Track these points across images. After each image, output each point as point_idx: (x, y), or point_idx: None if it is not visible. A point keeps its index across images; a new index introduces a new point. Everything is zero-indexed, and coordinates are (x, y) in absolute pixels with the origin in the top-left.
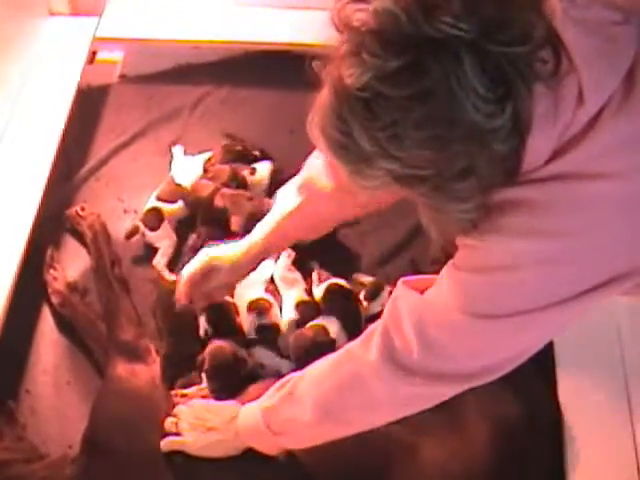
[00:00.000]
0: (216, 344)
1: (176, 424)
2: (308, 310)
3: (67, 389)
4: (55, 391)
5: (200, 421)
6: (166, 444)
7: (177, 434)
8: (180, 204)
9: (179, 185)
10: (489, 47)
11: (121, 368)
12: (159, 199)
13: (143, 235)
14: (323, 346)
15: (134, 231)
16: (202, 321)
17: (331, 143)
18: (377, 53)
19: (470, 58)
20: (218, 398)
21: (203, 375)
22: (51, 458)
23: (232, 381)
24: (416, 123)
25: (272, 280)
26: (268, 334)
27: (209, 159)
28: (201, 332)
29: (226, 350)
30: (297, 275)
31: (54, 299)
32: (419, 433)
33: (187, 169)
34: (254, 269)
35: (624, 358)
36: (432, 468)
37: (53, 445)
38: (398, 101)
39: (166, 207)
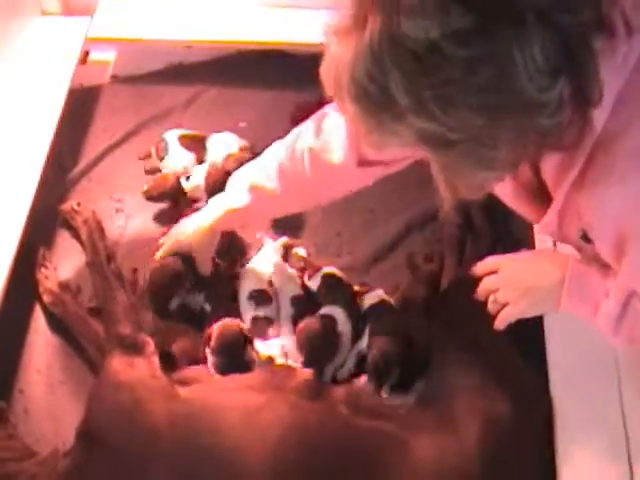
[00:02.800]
0: (224, 322)
1: (495, 300)
2: (303, 304)
3: (60, 388)
4: (48, 390)
5: (519, 282)
6: (500, 322)
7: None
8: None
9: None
10: (555, 15)
11: (118, 361)
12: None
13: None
14: (331, 338)
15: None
16: (199, 298)
17: (357, 90)
18: (447, 9)
19: (535, 24)
20: (223, 374)
21: (208, 351)
22: (42, 455)
23: (238, 358)
24: (477, 88)
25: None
26: (260, 326)
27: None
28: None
29: (233, 327)
30: (293, 271)
31: (45, 298)
32: (410, 430)
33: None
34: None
35: (617, 354)
36: (423, 465)
37: (46, 444)
38: (460, 62)
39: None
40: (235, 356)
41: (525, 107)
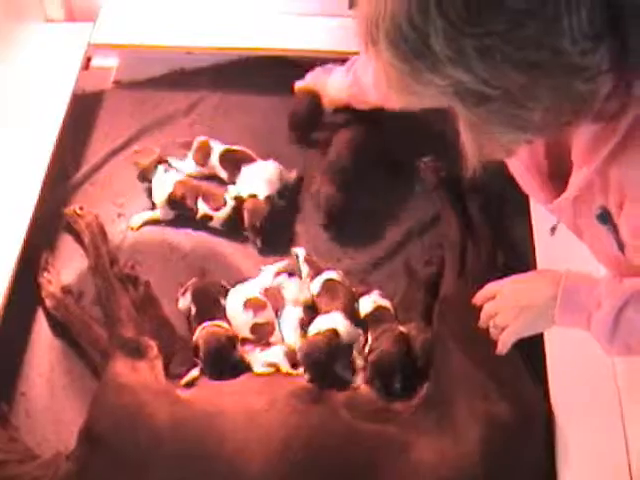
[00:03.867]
0: (207, 329)
1: (494, 325)
2: (310, 309)
3: (62, 392)
4: (50, 394)
5: (515, 303)
6: (502, 346)
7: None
8: None
9: None
10: None
11: (121, 364)
12: None
13: None
14: (338, 350)
15: None
16: (186, 298)
17: (396, 35)
18: None
19: None
20: (215, 379)
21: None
22: (44, 458)
23: (227, 363)
24: (520, 42)
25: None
26: (262, 332)
27: None
28: (180, 305)
29: (218, 334)
30: (297, 282)
31: (48, 302)
32: (411, 433)
33: None
34: None
35: (615, 359)
36: (424, 468)
37: (48, 447)
38: (508, 13)
39: None
40: (224, 361)
41: (564, 69)
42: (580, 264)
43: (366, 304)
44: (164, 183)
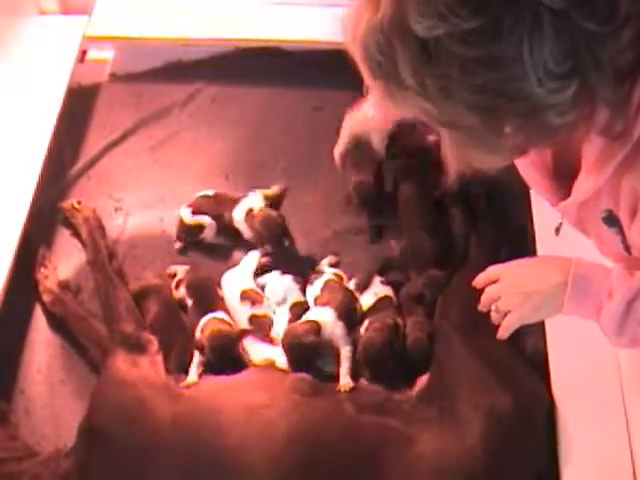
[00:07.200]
0: (213, 329)
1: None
2: (301, 311)
3: (61, 388)
4: (49, 390)
5: (520, 288)
6: (503, 331)
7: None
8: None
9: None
10: (573, 18)
11: (122, 359)
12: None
13: None
14: (312, 345)
15: None
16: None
17: (368, 57)
18: (456, 10)
19: (550, 26)
20: (215, 374)
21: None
22: (44, 455)
23: (231, 358)
24: (475, 88)
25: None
26: (260, 324)
27: None
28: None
29: (224, 333)
30: (288, 278)
31: (45, 298)
32: (413, 426)
33: None
34: None
35: (618, 352)
36: (426, 460)
37: (47, 444)
38: (463, 60)
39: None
40: (229, 356)
41: (529, 109)
42: (582, 256)
43: (367, 299)
44: None
